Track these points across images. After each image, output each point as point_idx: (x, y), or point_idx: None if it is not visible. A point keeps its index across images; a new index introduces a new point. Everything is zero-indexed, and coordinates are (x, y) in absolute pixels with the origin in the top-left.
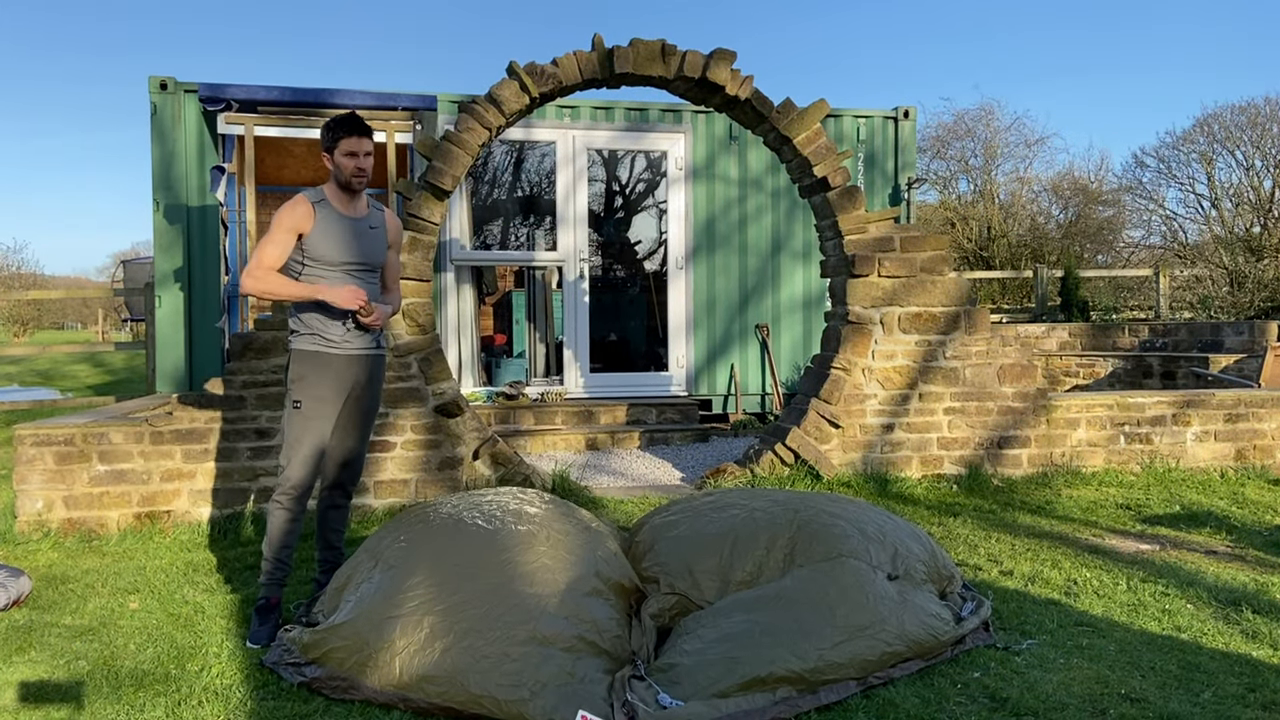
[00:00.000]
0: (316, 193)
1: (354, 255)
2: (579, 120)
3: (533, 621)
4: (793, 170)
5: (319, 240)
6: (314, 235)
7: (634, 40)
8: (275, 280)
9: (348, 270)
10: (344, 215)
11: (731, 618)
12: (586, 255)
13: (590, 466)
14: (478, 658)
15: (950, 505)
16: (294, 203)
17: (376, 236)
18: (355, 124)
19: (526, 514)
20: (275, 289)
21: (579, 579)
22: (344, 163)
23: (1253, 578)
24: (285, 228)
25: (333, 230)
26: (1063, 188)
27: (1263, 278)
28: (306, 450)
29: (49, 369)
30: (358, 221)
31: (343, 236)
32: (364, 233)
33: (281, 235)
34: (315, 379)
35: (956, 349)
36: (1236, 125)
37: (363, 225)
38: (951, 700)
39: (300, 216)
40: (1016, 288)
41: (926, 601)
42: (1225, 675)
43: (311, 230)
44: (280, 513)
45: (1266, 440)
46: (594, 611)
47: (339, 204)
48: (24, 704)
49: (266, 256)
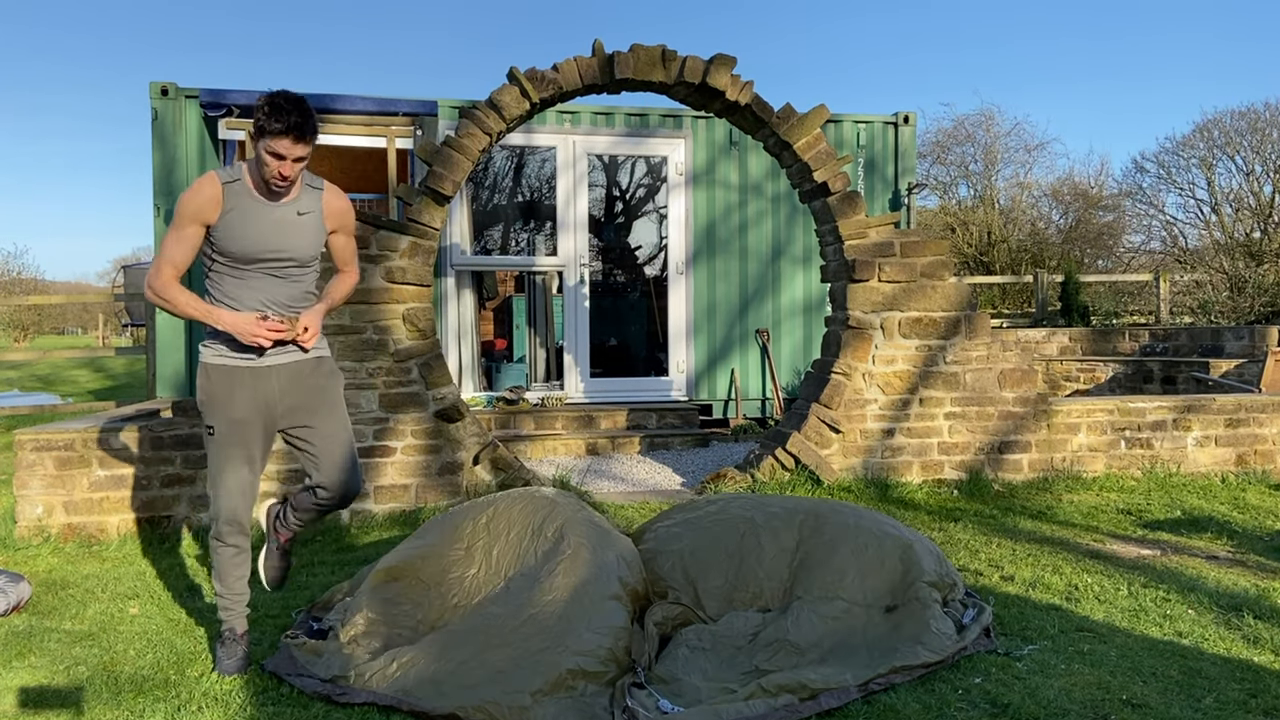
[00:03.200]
0: (232, 171)
1: (273, 249)
2: (579, 125)
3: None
4: (793, 175)
5: (227, 232)
6: (221, 225)
7: (634, 45)
8: (174, 291)
9: (266, 269)
10: (261, 201)
11: (735, 662)
12: (587, 260)
13: (591, 471)
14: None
15: (951, 510)
16: (197, 185)
17: (306, 225)
18: (292, 123)
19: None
20: (173, 301)
21: (604, 582)
22: (267, 159)
23: (1254, 583)
24: (188, 217)
25: (246, 220)
26: (1063, 193)
27: (1263, 283)
28: (230, 483)
29: (49, 374)
30: (280, 208)
31: (258, 227)
32: (288, 222)
33: (186, 228)
34: (225, 399)
35: (957, 354)
36: (1236, 130)
37: (287, 212)
38: (952, 706)
39: (203, 203)
40: (1017, 293)
41: (929, 621)
42: (1227, 681)
43: (218, 219)
44: (222, 550)
45: (1267, 445)
46: (615, 619)
47: (258, 188)
48: (24, 709)
49: (170, 255)
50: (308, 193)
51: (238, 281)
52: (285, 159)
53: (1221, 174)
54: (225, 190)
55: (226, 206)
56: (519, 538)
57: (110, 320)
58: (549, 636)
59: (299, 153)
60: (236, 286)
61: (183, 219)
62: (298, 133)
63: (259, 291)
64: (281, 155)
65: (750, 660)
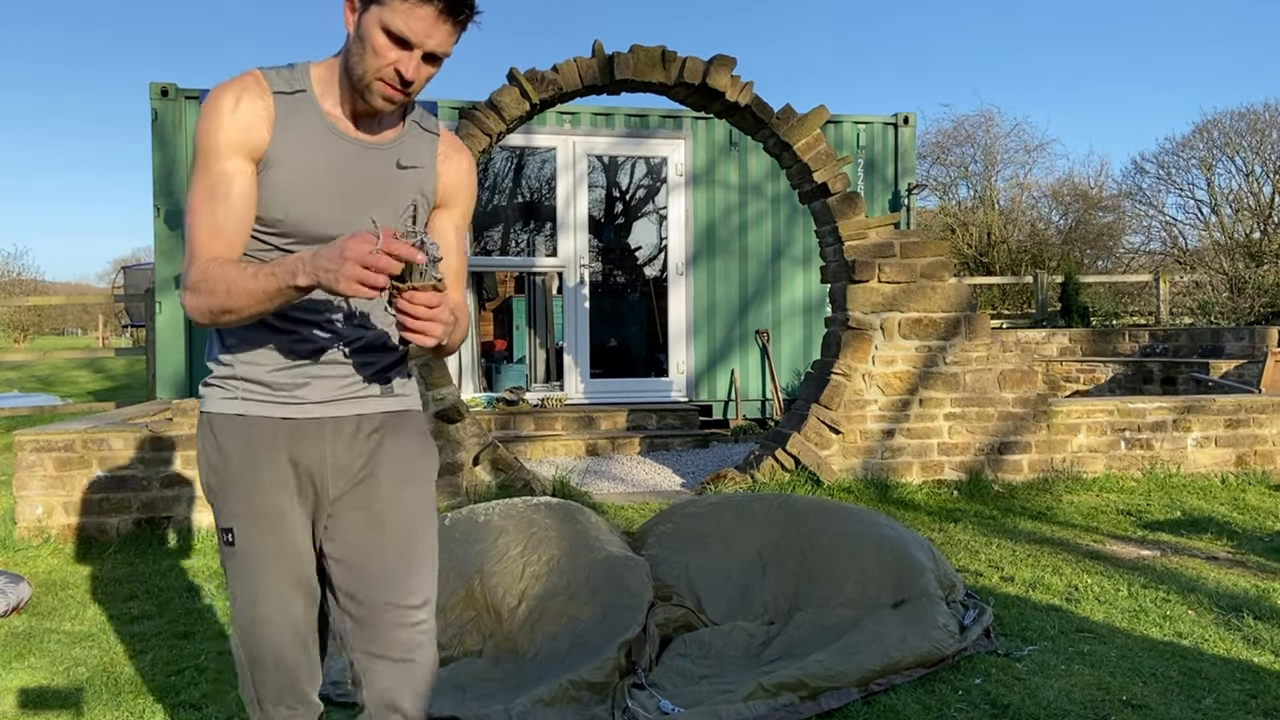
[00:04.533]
0: (289, 75)
1: (346, 218)
2: (579, 126)
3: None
4: (793, 176)
5: (271, 182)
6: (270, 169)
7: (634, 46)
8: (231, 271)
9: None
10: (341, 134)
11: (743, 674)
12: (587, 261)
13: (590, 472)
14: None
15: (951, 511)
16: (232, 89)
17: (407, 186)
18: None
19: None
20: (232, 285)
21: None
22: (378, 43)
23: (1254, 584)
24: (225, 146)
25: (313, 161)
26: (1063, 193)
27: (1263, 283)
28: (271, 630)
29: (49, 375)
30: (373, 149)
31: (332, 178)
32: (381, 178)
33: (224, 162)
34: (247, 479)
35: (957, 354)
36: (1236, 131)
37: (382, 159)
38: (953, 707)
39: (248, 118)
40: (1017, 293)
41: (937, 616)
42: (1227, 682)
43: (266, 155)
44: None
45: (1267, 446)
46: (629, 629)
47: (336, 109)
48: (24, 710)
49: (207, 220)
50: (416, 135)
51: (277, 235)
52: (413, 48)
53: (1221, 174)
54: (278, 103)
55: (281, 131)
56: (517, 559)
57: (110, 321)
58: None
59: (441, 42)
60: (271, 243)
61: (215, 151)
62: (453, 6)
63: (302, 314)
64: (407, 40)
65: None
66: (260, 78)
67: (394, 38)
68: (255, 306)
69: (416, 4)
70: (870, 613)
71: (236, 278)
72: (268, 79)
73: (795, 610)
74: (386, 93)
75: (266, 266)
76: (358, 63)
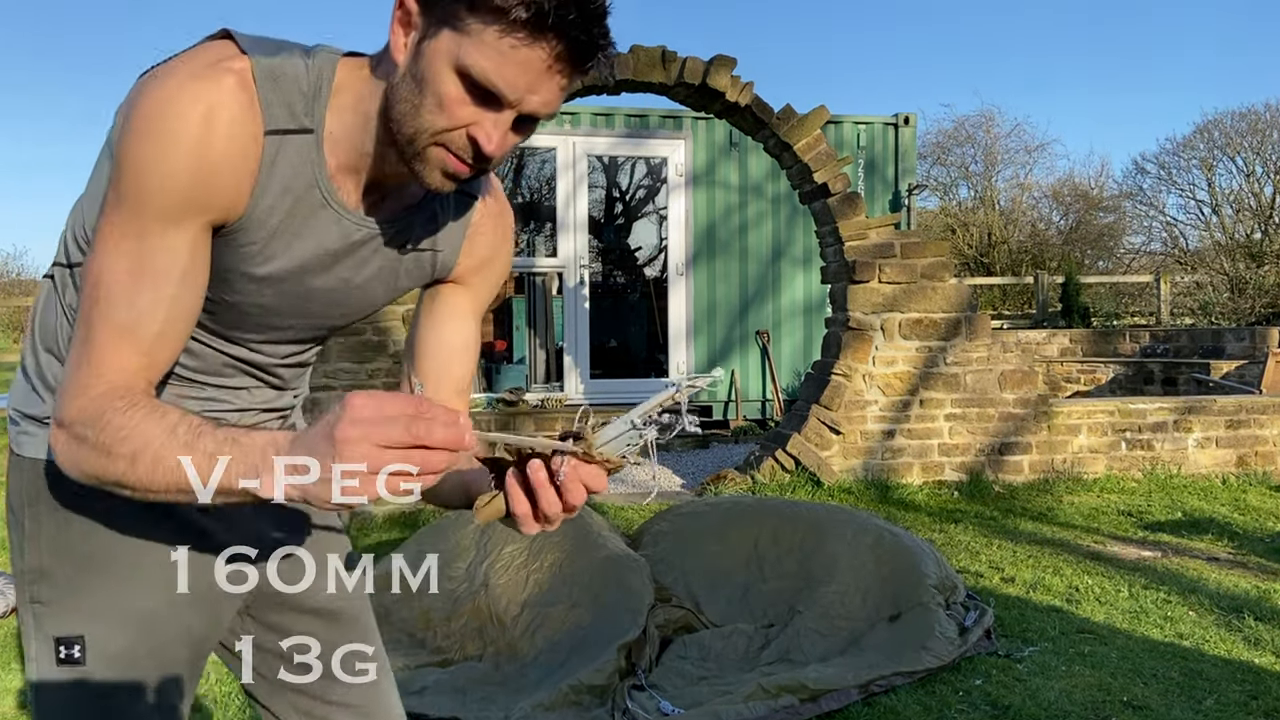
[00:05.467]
0: (294, 96)
1: (334, 317)
2: (579, 126)
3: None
4: (793, 176)
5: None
6: (236, 241)
7: (634, 46)
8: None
9: (255, 344)
10: (337, 207)
11: (743, 676)
12: (587, 261)
13: None
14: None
15: (951, 512)
16: (196, 97)
17: (407, 268)
18: (573, 19)
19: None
20: (161, 473)
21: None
22: (449, 95)
23: (1255, 584)
24: (175, 210)
25: (293, 244)
26: (1063, 194)
27: (1263, 284)
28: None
29: None
30: (372, 232)
31: (306, 271)
32: (372, 266)
33: (160, 248)
34: (120, 576)
35: (957, 355)
36: (1237, 131)
37: (384, 239)
38: (953, 708)
39: (221, 159)
40: (1017, 294)
41: (934, 626)
42: (1227, 683)
43: (234, 224)
44: None
45: (1268, 446)
46: (629, 632)
47: (345, 167)
48: (24, 710)
49: (112, 335)
50: (444, 200)
51: (215, 320)
52: (504, 108)
53: (1222, 175)
54: (268, 147)
55: (262, 192)
56: (521, 569)
57: None
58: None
59: (547, 101)
60: (207, 329)
61: (159, 204)
62: (579, 49)
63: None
64: (497, 94)
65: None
66: (253, 92)
67: (475, 88)
68: (179, 498)
69: (524, 41)
70: (870, 625)
71: (159, 446)
72: (263, 96)
73: (795, 613)
74: (450, 166)
75: (208, 437)
76: (409, 115)
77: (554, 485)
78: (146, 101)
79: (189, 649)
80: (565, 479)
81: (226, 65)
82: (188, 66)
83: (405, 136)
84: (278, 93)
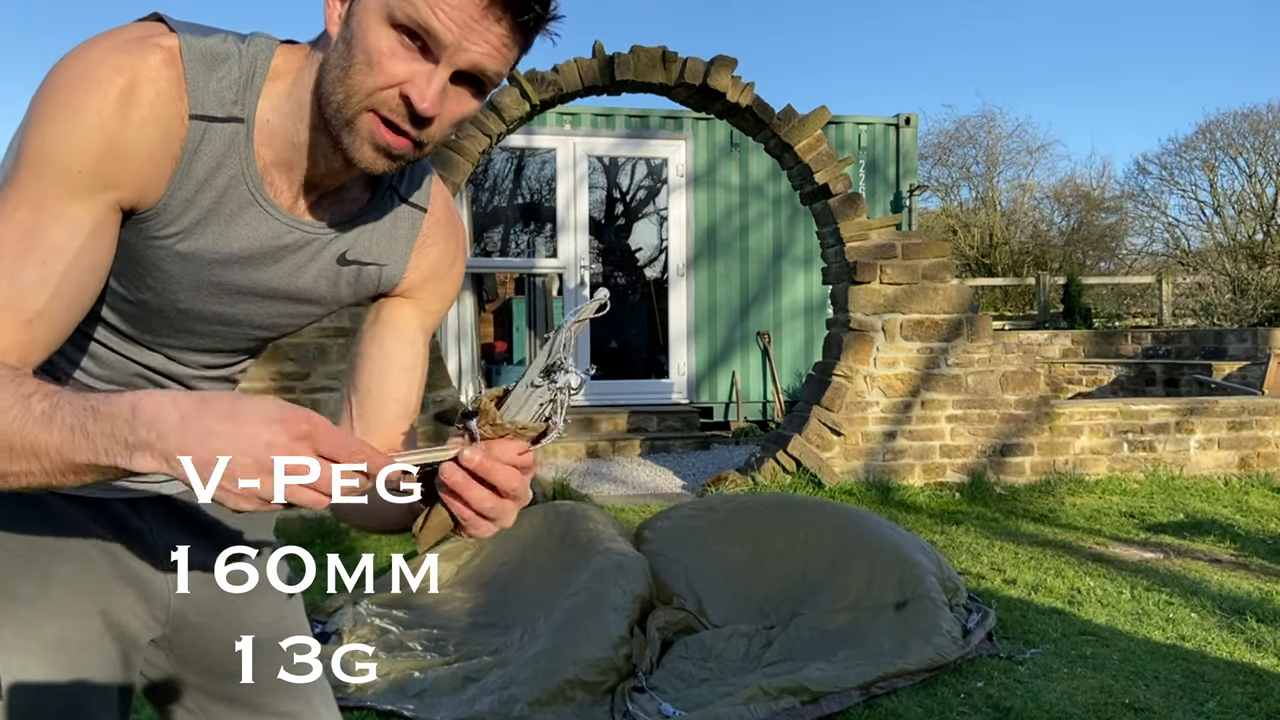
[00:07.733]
0: (224, 85)
1: (274, 321)
2: (580, 127)
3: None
4: (794, 177)
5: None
6: (156, 226)
7: (635, 47)
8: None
9: (172, 352)
10: (267, 204)
11: (744, 677)
12: (587, 262)
13: (591, 474)
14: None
15: (953, 513)
16: (115, 72)
17: (344, 281)
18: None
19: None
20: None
21: (603, 595)
22: (380, 47)
23: (1257, 586)
24: (82, 185)
25: (218, 240)
26: (1065, 195)
27: (1266, 285)
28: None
29: None
30: (306, 235)
31: (230, 270)
32: (305, 275)
33: (56, 218)
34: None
35: (959, 356)
36: (1239, 132)
37: (317, 247)
38: (954, 710)
39: (137, 142)
40: (1019, 295)
41: (940, 621)
42: (1230, 685)
43: (148, 210)
44: None
45: (1270, 448)
46: (614, 630)
47: (278, 163)
48: None
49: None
50: (388, 212)
51: (125, 321)
52: (439, 56)
53: (1224, 175)
54: (192, 132)
55: (181, 179)
56: (512, 549)
57: None
58: (549, 655)
59: (489, 52)
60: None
61: (63, 176)
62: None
63: (170, 344)
64: (430, 36)
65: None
66: (181, 71)
67: (409, 37)
68: (40, 478)
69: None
70: (871, 620)
71: (17, 419)
72: (190, 78)
73: (796, 614)
74: (381, 136)
75: (69, 407)
76: (339, 80)
77: (477, 479)
78: (64, 71)
79: (117, 649)
80: (480, 465)
81: (155, 41)
82: (111, 40)
83: (335, 105)
84: (208, 76)
